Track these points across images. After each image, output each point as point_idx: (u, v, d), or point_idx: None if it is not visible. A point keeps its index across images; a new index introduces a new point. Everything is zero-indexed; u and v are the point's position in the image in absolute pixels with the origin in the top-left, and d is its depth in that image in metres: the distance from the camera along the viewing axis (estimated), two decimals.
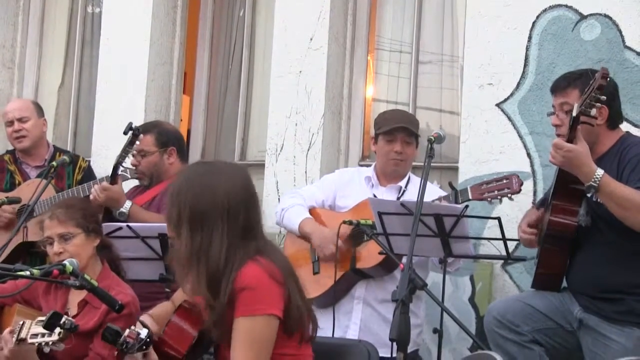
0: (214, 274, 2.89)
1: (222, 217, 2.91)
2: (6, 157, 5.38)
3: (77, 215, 3.67)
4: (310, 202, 4.51)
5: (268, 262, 2.95)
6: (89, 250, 3.66)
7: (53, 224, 3.65)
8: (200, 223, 2.90)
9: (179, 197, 2.94)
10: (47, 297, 3.70)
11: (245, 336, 2.92)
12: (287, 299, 2.96)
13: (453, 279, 4.85)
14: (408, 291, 3.22)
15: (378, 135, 4.46)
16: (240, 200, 2.96)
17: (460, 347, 4.81)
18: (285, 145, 5.52)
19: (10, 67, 6.54)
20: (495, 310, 3.93)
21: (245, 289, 2.90)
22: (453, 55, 5.50)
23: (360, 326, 4.28)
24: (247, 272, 2.91)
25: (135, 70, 5.96)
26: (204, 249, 2.89)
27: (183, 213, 2.91)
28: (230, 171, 3.04)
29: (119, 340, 2.84)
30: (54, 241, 3.63)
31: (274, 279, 2.93)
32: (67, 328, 3.08)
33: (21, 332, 3.23)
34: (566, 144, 3.52)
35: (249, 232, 2.97)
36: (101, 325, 3.49)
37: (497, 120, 4.92)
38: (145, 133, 4.79)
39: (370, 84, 5.72)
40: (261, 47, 6.05)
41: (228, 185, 2.96)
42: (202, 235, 2.89)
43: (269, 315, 2.93)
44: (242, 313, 2.92)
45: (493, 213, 4.59)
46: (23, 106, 5.32)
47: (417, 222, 3.49)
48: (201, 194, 2.92)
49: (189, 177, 3.00)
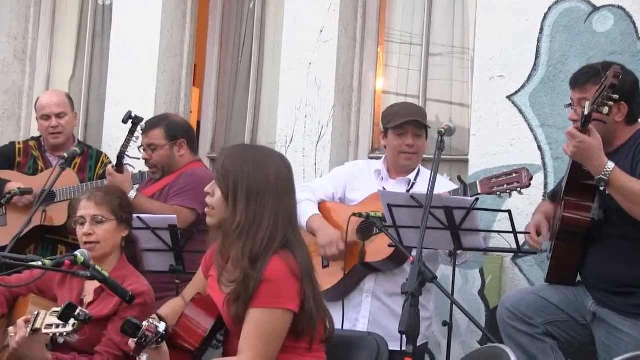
0: (257, 250, 2.96)
1: (272, 197, 3.01)
2: (31, 142, 5.43)
3: (114, 202, 3.72)
4: (320, 196, 4.51)
5: (290, 256, 2.98)
6: (116, 239, 3.70)
7: (89, 205, 3.69)
8: (255, 197, 2.99)
9: (234, 169, 3.03)
10: (63, 287, 3.72)
11: (257, 327, 2.95)
12: (303, 297, 2.98)
13: (463, 272, 4.85)
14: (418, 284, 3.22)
15: (387, 130, 4.44)
16: (286, 183, 3.08)
17: (470, 340, 4.81)
18: (294, 137, 5.52)
19: (22, 59, 6.55)
20: (508, 301, 3.92)
21: (265, 281, 2.94)
22: (464, 47, 5.48)
23: (370, 319, 4.28)
24: (270, 265, 2.96)
25: (145, 62, 5.96)
26: (256, 222, 2.98)
27: (240, 184, 3.01)
28: (277, 156, 3.17)
29: (138, 334, 2.84)
30: (85, 222, 3.67)
31: (293, 274, 2.97)
32: (81, 319, 3.09)
33: (36, 322, 3.25)
34: (579, 133, 3.50)
35: (289, 216, 3.06)
36: (116, 312, 3.53)
37: (508, 113, 4.91)
38: (154, 127, 4.82)
39: (380, 76, 5.71)
40: (271, 39, 6.04)
41: (277, 167, 3.07)
42: (256, 209, 2.99)
43: (284, 309, 2.95)
44: (257, 304, 2.96)
45: (504, 206, 4.57)
46: (60, 101, 5.32)
47: (427, 214, 3.49)
48: (256, 170, 3.02)
49: (242, 152, 3.11)
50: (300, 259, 3.02)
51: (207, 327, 3.13)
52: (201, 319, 3.15)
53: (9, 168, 5.31)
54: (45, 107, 5.28)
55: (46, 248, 5.14)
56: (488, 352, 3.09)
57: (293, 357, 3.04)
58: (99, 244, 3.63)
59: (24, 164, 5.32)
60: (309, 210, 4.41)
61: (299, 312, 2.98)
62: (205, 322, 3.14)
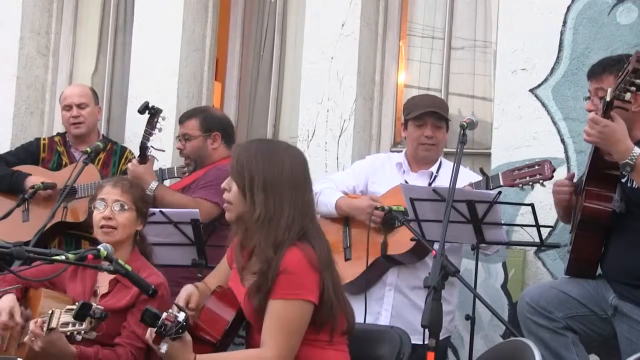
0: (280, 240, 2.99)
1: (288, 188, 3.04)
2: (56, 138, 5.46)
3: (138, 194, 3.77)
4: (342, 188, 4.50)
5: (309, 248, 2.99)
6: (131, 230, 3.71)
7: (115, 191, 3.71)
8: (272, 189, 3.02)
9: (249, 163, 3.06)
10: (74, 279, 3.73)
11: (278, 319, 2.96)
12: (322, 288, 2.99)
13: (485, 266, 4.83)
14: (440, 278, 3.22)
15: (407, 121, 4.44)
16: (301, 175, 3.10)
17: (493, 334, 4.79)
18: (316, 132, 5.52)
19: (45, 54, 6.58)
20: (528, 296, 3.91)
21: (284, 272, 2.96)
22: (486, 40, 5.46)
23: (392, 313, 4.28)
24: (287, 257, 2.98)
25: (167, 57, 5.97)
26: (277, 213, 3.01)
27: (257, 178, 3.03)
28: (291, 149, 3.20)
29: (157, 323, 2.86)
30: (107, 205, 3.68)
31: (312, 265, 2.98)
32: (97, 317, 3.11)
33: (51, 321, 3.26)
34: (603, 119, 3.46)
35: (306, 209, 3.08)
36: (134, 304, 3.55)
37: (531, 106, 4.89)
38: (190, 117, 4.86)
39: (402, 70, 5.70)
40: (293, 33, 6.04)
41: (291, 160, 3.10)
42: (275, 201, 3.02)
43: (304, 300, 2.96)
44: (277, 296, 2.97)
45: (526, 199, 4.56)
46: (82, 92, 5.38)
47: (449, 208, 3.48)
48: (271, 163, 3.05)
49: (257, 146, 3.13)
50: (319, 250, 3.03)
51: (229, 319, 3.14)
52: (222, 311, 3.16)
53: (33, 163, 5.35)
54: (67, 98, 5.35)
55: (69, 243, 5.17)
56: (511, 346, 3.08)
57: (314, 350, 3.05)
58: (116, 229, 3.65)
59: (48, 160, 5.35)
60: (334, 196, 4.40)
61: (318, 303, 2.99)
62: (227, 314, 3.16)
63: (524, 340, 2.99)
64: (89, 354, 3.40)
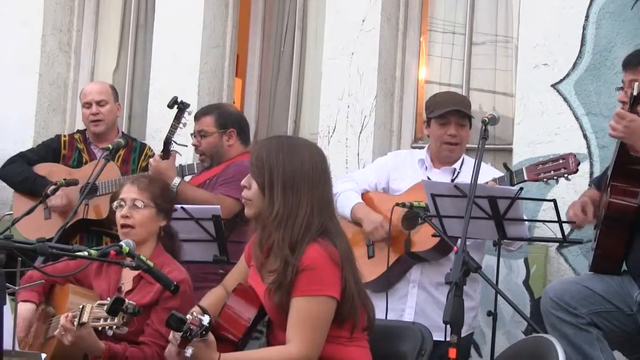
0: (296, 237, 2.99)
1: (308, 184, 3.03)
2: (76, 135, 5.48)
3: (156, 190, 3.75)
4: (364, 186, 4.49)
5: (329, 244, 2.99)
6: (152, 227, 3.71)
7: (132, 189, 3.72)
8: (291, 186, 3.02)
9: (269, 160, 3.06)
10: (99, 276, 3.75)
11: (302, 315, 2.96)
12: (344, 284, 2.98)
13: (507, 262, 4.81)
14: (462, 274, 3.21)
15: (430, 119, 4.42)
16: (321, 171, 3.09)
17: (515, 330, 4.77)
18: (337, 128, 5.52)
19: (66, 51, 6.62)
20: (552, 291, 3.89)
21: (306, 269, 2.97)
22: (507, 35, 5.44)
23: (416, 310, 4.26)
24: (308, 254, 2.98)
25: (188, 53, 5.99)
26: (294, 210, 3.01)
27: (276, 175, 3.04)
28: (311, 146, 3.18)
29: (183, 328, 2.86)
30: (125, 205, 3.70)
31: (333, 261, 2.98)
32: (130, 312, 3.12)
33: (82, 316, 3.27)
34: (629, 113, 3.44)
35: (325, 206, 3.07)
36: (157, 301, 3.56)
37: (553, 101, 4.86)
38: (206, 114, 4.86)
39: (423, 65, 5.68)
40: (313, 29, 6.04)
41: (311, 156, 3.09)
42: (292, 198, 3.02)
43: (327, 296, 2.96)
44: (300, 293, 2.97)
45: (548, 195, 4.54)
46: (102, 89, 5.39)
47: (470, 204, 3.47)
48: (291, 160, 3.05)
49: (276, 143, 3.13)
50: (340, 246, 3.03)
51: (250, 318, 3.14)
52: (243, 310, 3.16)
53: (55, 161, 5.37)
54: (86, 95, 5.36)
55: (91, 240, 5.19)
56: (533, 342, 3.06)
57: (336, 347, 3.04)
58: (134, 228, 3.65)
59: (69, 157, 5.38)
60: (352, 200, 4.40)
61: (340, 299, 2.99)
62: (248, 313, 3.15)
63: (546, 337, 2.97)
64: (117, 350, 3.41)
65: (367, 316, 3.10)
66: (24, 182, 5.26)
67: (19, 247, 2.63)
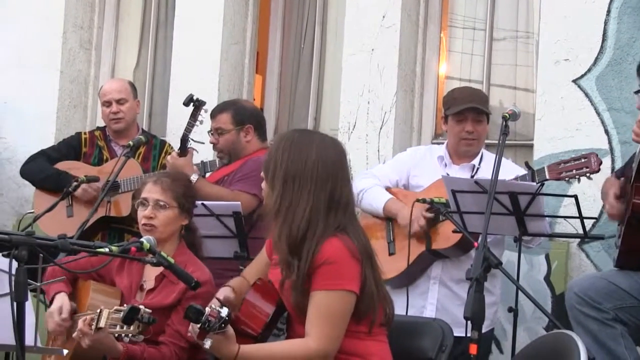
0: (295, 234, 3.00)
1: (311, 183, 3.03)
2: (97, 132, 5.50)
3: (180, 190, 3.73)
4: (384, 182, 4.48)
5: (348, 238, 3.00)
6: (175, 226, 3.71)
7: (155, 189, 3.70)
8: (292, 182, 3.04)
9: (276, 154, 3.10)
10: (121, 273, 3.75)
11: (321, 309, 2.97)
12: (363, 278, 2.99)
13: (528, 258, 4.80)
14: (482, 270, 3.20)
15: (447, 116, 4.41)
16: (329, 171, 3.07)
17: (536, 327, 4.76)
18: (357, 124, 5.51)
19: (87, 48, 6.65)
20: (576, 286, 3.87)
21: (325, 263, 2.97)
22: (528, 31, 5.41)
23: (437, 306, 4.25)
24: (327, 247, 2.98)
25: (208, 50, 6.00)
26: (292, 206, 3.02)
27: (278, 169, 3.06)
28: (324, 143, 3.15)
29: (201, 319, 2.87)
30: (148, 204, 3.69)
31: (353, 255, 2.98)
32: (145, 322, 3.13)
33: (100, 321, 3.29)
34: None
35: (335, 204, 3.05)
36: (179, 302, 3.55)
37: (574, 97, 4.83)
38: (222, 111, 4.86)
39: (443, 61, 5.67)
40: (333, 26, 6.04)
41: (319, 155, 3.07)
42: (292, 194, 3.03)
43: (346, 290, 2.96)
44: (319, 287, 2.97)
45: (569, 191, 4.51)
46: (122, 87, 5.40)
47: (491, 200, 3.46)
48: (295, 155, 3.06)
49: (286, 138, 3.15)
50: (359, 242, 3.03)
51: (269, 313, 3.15)
52: (263, 305, 3.17)
53: (75, 158, 5.39)
54: (106, 94, 5.37)
55: (113, 237, 5.21)
56: (554, 338, 3.05)
57: (354, 341, 3.04)
58: (157, 228, 3.64)
59: (90, 154, 5.40)
60: (383, 195, 4.39)
61: (360, 293, 2.99)
62: (267, 308, 3.16)
63: (568, 333, 2.96)
64: (135, 352, 3.41)
65: (385, 312, 3.10)
66: (46, 179, 5.28)
67: (40, 243, 2.65)
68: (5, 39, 6.61)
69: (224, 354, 2.97)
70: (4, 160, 6.41)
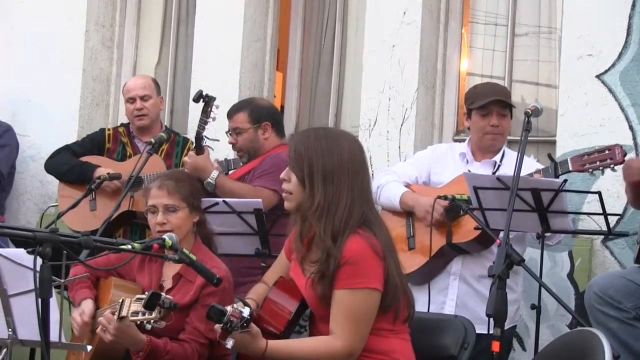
0: (338, 227, 3.00)
1: (347, 175, 3.04)
2: (120, 129, 5.54)
3: (185, 190, 3.73)
4: (404, 179, 4.48)
5: (370, 235, 2.99)
6: (188, 225, 3.72)
7: (161, 194, 3.70)
8: (331, 177, 3.03)
9: (308, 152, 3.07)
10: (142, 271, 3.77)
11: (345, 308, 2.97)
12: (387, 273, 2.99)
13: (551, 255, 4.77)
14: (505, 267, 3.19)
15: (471, 111, 4.39)
16: (359, 161, 3.10)
17: (559, 324, 4.73)
18: (378, 121, 5.50)
19: (109, 46, 6.68)
20: (596, 286, 3.85)
21: (347, 263, 2.97)
22: (550, 26, 5.38)
23: (457, 302, 4.24)
24: (350, 246, 2.98)
25: (229, 47, 6.01)
26: (334, 201, 3.02)
27: (315, 167, 3.04)
28: (348, 136, 3.20)
29: (223, 320, 2.88)
30: (157, 210, 3.69)
31: (375, 252, 2.98)
32: (166, 307, 3.14)
33: (122, 310, 3.31)
34: None
35: (366, 194, 3.09)
36: (197, 299, 3.57)
37: (597, 92, 4.80)
38: (238, 110, 4.86)
39: (465, 57, 5.64)
40: (354, 22, 6.02)
41: (349, 146, 3.10)
42: (333, 188, 3.03)
43: (370, 289, 2.96)
44: (342, 286, 2.98)
45: (593, 187, 4.48)
46: (146, 84, 5.44)
47: (513, 196, 3.45)
48: (330, 151, 3.06)
49: (314, 135, 3.14)
50: (380, 235, 3.04)
51: (291, 310, 3.15)
52: (285, 302, 3.17)
53: (99, 154, 5.43)
54: (130, 90, 5.41)
55: (135, 232, 5.24)
56: (578, 336, 3.03)
57: (377, 339, 3.05)
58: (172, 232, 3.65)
59: (113, 150, 5.43)
60: (399, 189, 4.38)
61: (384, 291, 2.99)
62: (289, 305, 3.16)
63: (591, 330, 2.93)
64: (159, 343, 3.43)
65: (408, 305, 3.09)
66: (69, 171, 5.33)
67: (64, 240, 2.66)
68: (28, 38, 6.65)
69: (252, 350, 2.98)
70: (27, 158, 6.45)
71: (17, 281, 3.07)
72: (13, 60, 6.67)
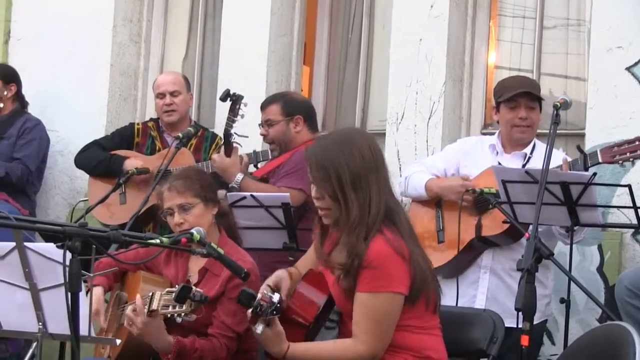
0: (372, 224, 2.99)
1: (373, 172, 3.03)
2: (150, 123, 5.58)
3: (195, 185, 3.72)
4: (432, 171, 4.47)
5: (394, 235, 2.98)
6: (208, 219, 3.72)
7: (172, 195, 3.70)
8: (359, 181, 3.00)
9: (332, 165, 3.02)
10: (168, 265, 3.79)
11: (367, 311, 2.97)
12: (413, 271, 2.97)
13: (580, 249, 4.73)
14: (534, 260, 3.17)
15: (499, 104, 4.37)
16: (378, 150, 3.09)
17: (589, 318, 4.70)
18: (405, 114, 5.48)
19: (137, 41, 6.70)
20: (626, 279, 3.82)
21: (369, 267, 2.95)
22: (579, 19, 5.33)
23: (487, 296, 4.22)
24: (374, 248, 2.96)
25: (256, 41, 6.01)
26: (366, 205, 2.99)
27: (344, 177, 3.00)
28: (361, 132, 3.24)
29: (252, 304, 2.90)
30: (174, 212, 3.69)
31: (400, 255, 2.96)
32: (197, 300, 3.16)
33: (152, 303, 3.32)
34: None
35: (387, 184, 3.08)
36: (223, 293, 3.58)
37: (627, 85, 4.76)
38: (271, 102, 4.88)
39: (493, 50, 5.61)
40: (381, 16, 6.01)
41: (366, 141, 3.08)
42: (363, 194, 3.00)
43: (393, 293, 2.95)
44: (364, 289, 2.97)
45: (622, 181, 4.44)
46: (175, 80, 5.46)
47: (542, 190, 3.42)
48: (351, 156, 3.02)
49: (331, 143, 3.10)
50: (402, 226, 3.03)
51: (320, 303, 3.15)
52: (314, 295, 3.18)
53: (128, 148, 5.46)
54: (160, 86, 5.43)
55: (164, 227, 5.24)
56: (608, 330, 3.01)
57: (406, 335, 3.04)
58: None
59: (142, 144, 5.46)
60: (424, 178, 4.37)
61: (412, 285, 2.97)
62: (318, 298, 3.17)
63: (622, 324, 2.91)
64: (186, 343, 3.45)
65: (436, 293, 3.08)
66: (99, 164, 5.37)
67: (93, 234, 2.68)
68: (56, 34, 6.69)
69: (274, 351, 2.99)
70: (56, 153, 6.50)
71: (46, 275, 3.09)
72: (42, 56, 6.72)
